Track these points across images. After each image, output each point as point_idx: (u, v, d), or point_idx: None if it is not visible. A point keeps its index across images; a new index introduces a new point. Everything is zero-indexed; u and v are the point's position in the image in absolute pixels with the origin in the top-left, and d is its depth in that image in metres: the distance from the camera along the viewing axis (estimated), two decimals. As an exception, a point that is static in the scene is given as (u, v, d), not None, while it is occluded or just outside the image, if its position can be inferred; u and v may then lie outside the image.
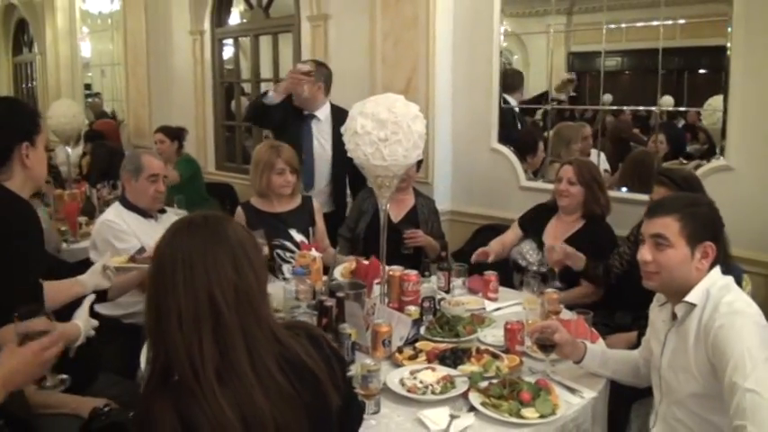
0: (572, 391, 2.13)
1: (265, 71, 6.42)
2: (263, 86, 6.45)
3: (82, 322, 2.26)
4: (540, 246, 3.41)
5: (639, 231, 2.18)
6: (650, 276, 2.03)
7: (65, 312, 2.27)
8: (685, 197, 2.36)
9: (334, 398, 1.41)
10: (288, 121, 4.20)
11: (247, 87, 6.51)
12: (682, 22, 3.78)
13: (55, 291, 2.39)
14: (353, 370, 2.04)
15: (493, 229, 4.11)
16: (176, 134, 5.52)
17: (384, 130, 2.30)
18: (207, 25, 6.57)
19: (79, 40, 9.55)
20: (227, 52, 6.79)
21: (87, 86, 9.91)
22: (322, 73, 4.21)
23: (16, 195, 2.21)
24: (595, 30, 4.23)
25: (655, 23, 3.85)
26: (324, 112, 4.27)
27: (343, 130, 2.46)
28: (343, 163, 4.00)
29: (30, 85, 11.14)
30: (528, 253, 3.46)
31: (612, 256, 3.23)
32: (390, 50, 4.57)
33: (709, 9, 3.73)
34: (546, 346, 2.22)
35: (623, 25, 4.17)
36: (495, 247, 3.48)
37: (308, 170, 4.22)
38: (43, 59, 10.00)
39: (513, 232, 3.64)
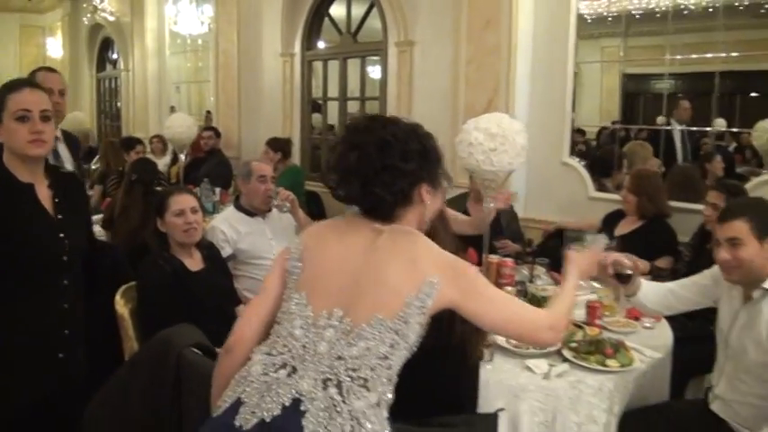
0: (643, 353, 2.64)
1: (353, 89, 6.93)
2: (350, 105, 7.03)
3: None
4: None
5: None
6: (731, 271, 2.33)
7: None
8: (746, 201, 2.86)
9: None
10: None
11: (335, 105, 7.06)
12: (735, 54, 4.20)
13: None
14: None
15: (562, 236, 4.56)
16: (280, 146, 6.20)
17: (493, 141, 2.84)
18: (297, 48, 7.12)
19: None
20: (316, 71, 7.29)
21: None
22: None
23: None
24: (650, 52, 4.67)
25: (708, 55, 4.34)
26: None
27: (457, 140, 2.99)
28: None
29: (113, 99, 11.89)
30: None
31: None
32: (473, 73, 5.02)
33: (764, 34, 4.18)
34: (622, 275, 2.54)
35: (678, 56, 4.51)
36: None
37: None
38: (128, 76, 10.68)
39: None
